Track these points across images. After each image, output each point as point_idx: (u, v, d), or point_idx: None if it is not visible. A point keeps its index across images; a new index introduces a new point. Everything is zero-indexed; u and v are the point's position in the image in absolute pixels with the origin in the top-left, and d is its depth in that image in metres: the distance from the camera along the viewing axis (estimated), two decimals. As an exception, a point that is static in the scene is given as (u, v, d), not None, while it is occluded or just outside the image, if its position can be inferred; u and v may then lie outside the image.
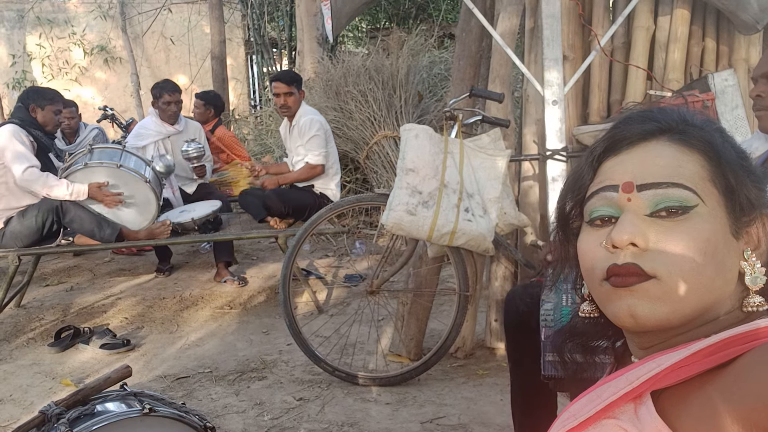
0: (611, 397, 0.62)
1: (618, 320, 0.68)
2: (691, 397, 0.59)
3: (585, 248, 0.71)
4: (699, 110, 0.72)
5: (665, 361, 0.61)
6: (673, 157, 0.67)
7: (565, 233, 0.78)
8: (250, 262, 4.85)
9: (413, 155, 2.55)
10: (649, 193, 0.66)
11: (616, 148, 0.71)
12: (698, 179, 0.66)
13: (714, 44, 2.97)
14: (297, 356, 3.08)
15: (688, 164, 0.67)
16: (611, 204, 0.68)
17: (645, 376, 0.61)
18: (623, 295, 0.66)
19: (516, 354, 1.84)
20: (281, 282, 2.83)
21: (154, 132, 4.30)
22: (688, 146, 0.68)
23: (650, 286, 0.64)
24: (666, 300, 0.64)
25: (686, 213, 0.65)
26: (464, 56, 3.10)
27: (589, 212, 0.71)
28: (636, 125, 0.71)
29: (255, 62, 11.02)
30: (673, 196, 0.65)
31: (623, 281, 0.65)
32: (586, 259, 0.70)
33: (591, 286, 0.71)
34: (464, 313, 2.72)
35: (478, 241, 2.54)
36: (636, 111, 0.74)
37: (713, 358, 0.60)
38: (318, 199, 3.85)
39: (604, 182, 0.70)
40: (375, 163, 5.04)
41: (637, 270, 0.64)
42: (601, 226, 0.70)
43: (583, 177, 0.73)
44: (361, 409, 2.61)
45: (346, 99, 5.38)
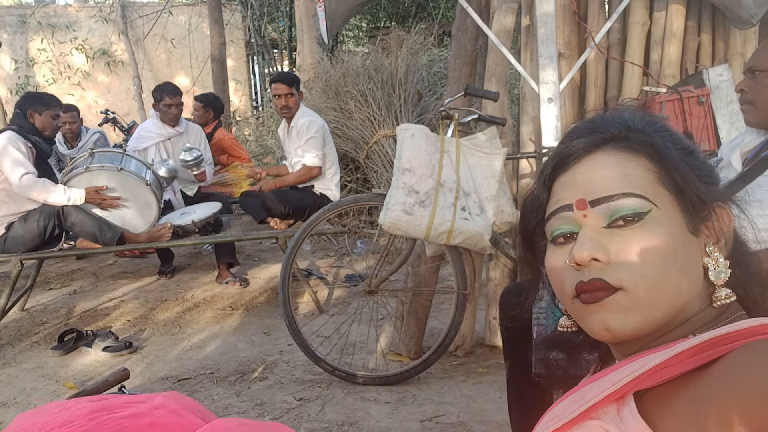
0: (594, 398, 0.63)
1: (594, 335, 0.69)
2: (674, 398, 0.60)
3: (552, 267, 0.72)
4: (642, 110, 0.73)
5: (648, 362, 0.62)
6: (619, 166, 0.68)
7: (532, 252, 0.79)
8: (252, 263, 4.87)
9: (409, 155, 2.56)
10: (602, 207, 0.67)
11: (564, 165, 0.71)
12: (647, 184, 0.67)
13: (710, 39, 2.97)
14: (297, 356, 3.10)
15: (635, 170, 0.67)
16: (569, 222, 0.70)
17: (628, 377, 0.61)
18: (594, 311, 0.67)
19: (511, 351, 1.84)
20: (281, 282, 2.85)
21: (155, 134, 4.32)
22: (632, 152, 0.68)
23: (619, 298, 0.65)
24: (636, 309, 0.65)
25: (641, 219, 0.65)
26: (460, 55, 3.11)
27: (550, 232, 0.72)
28: (580, 139, 0.71)
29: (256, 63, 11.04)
30: (625, 205, 0.66)
31: (592, 297, 0.66)
32: (555, 279, 0.71)
33: (564, 303, 0.72)
34: (463, 311, 2.73)
35: (475, 239, 2.55)
36: (580, 124, 0.75)
37: (696, 359, 0.60)
38: (318, 200, 3.86)
39: (558, 202, 0.71)
40: (375, 162, 5.05)
41: (603, 284, 0.65)
42: (564, 243, 0.71)
43: (539, 197, 0.74)
44: (361, 408, 2.62)
45: (345, 99, 5.39)
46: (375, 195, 2.83)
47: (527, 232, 0.78)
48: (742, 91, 1.73)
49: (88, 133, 5.26)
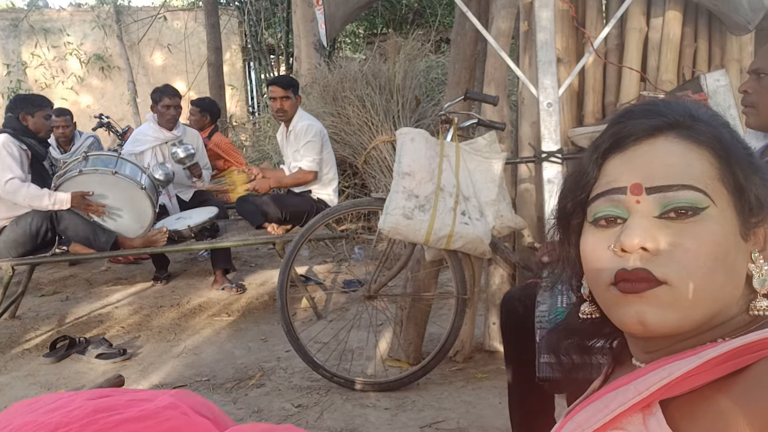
0: (620, 407, 0.60)
1: (625, 326, 0.66)
2: (702, 407, 0.57)
3: (590, 250, 0.68)
4: (704, 103, 0.70)
5: (675, 370, 0.59)
6: (681, 156, 0.64)
7: (565, 233, 0.76)
8: (249, 269, 4.84)
9: (409, 159, 2.54)
10: (658, 196, 0.64)
11: (621, 145, 0.67)
12: (708, 178, 0.64)
13: (706, 45, 2.97)
14: (295, 363, 3.07)
15: (697, 163, 0.64)
16: (618, 205, 0.66)
17: (655, 386, 0.59)
18: (632, 302, 0.63)
19: (513, 356, 1.83)
20: (278, 288, 2.82)
21: (151, 138, 4.29)
22: (697, 143, 0.65)
23: (661, 293, 0.62)
24: (676, 306, 0.62)
25: (697, 215, 0.62)
26: (459, 60, 3.10)
27: (594, 212, 0.68)
28: (642, 120, 0.68)
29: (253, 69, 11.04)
30: (683, 198, 0.63)
31: (633, 287, 0.63)
32: (592, 262, 0.68)
33: (596, 289, 0.69)
34: (462, 316, 2.71)
35: (475, 244, 2.53)
36: (639, 105, 0.71)
37: (724, 367, 0.58)
38: (315, 205, 3.84)
39: (610, 184, 0.67)
40: (373, 167, 5.04)
41: (647, 275, 0.62)
42: (606, 227, 0.67)
43: (587, 175, 0.70)
44: (359, 414, 2.60)
45: (343, 104, 5.38)
46: (374, 199, 2.82)
47: (565, 210, 0.73)
48: (745, 92, 1.73)
49: (82, 137, 5.23)
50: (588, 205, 0.70)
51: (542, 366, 1.35)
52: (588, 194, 0.70)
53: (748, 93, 1.71)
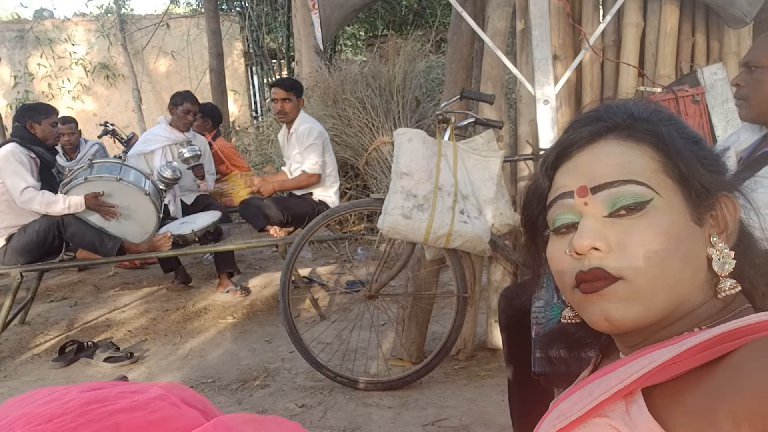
0: (602, 395, 0.62)
1: (595, 325, 0.68)
2: (684, 394, 0.59)
3: (552, 257, 0.71)
4: (647, 100, 0.72)
5: (656, 358, 0.61)
6: (622, 154, 0.67)
7: (535, 243, 0.78)
8: (253, 271, 4.87)
9: (407, 159, 2.56)
10: (603, 194, 0.66)
11: (567, 153, 0.71)
12: (650, 172, 0.66)
13: (704, 39, 2.97)
14: (299, 364, 3.09)
15: (639, 159, 0.67)
16: (570, 210, 0.69)
17: (636, 374, 0.60)
18: (594, 301, 0.66)
19: (511, 352, 1.84)
20: (281, 290, 2.84)
21: (163, 137, 4.32)
22: (636, 141, 0.67)
23: (619, 288, 0.64)
24: (636, 299, 0.64)
25: (643, 208, 0.64)
26: (456, 59, 3.12)
27: (552, 221, 0.71)
28: (584, 127, 0.70)
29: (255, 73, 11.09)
30: (627, 193, 0.65)
31: (592, 287, 0.65)
32: (556, 269, 0.71)
33: (565, 294, 0.71)
34: (464, 315, 2.72)
35: (474, 242, 2.55)
36: (584, 113, 0.74)
37: (705, 354, 0.59)
38: (317, 207, 3.86)
39: (559, 190, 0.70)
40: (374, 168, 5.06)
41: (602, 274, 0.64)
42: (566, 233, 0.70)
43: (541, 186, 0.73)
44: (363, 413, 2.61)
45: (344, 106, 5.41)
46: (373, 200, 2.84)
47: (530, 222, 0.77)
48: (737, 85, 1.73)
49: (87, 144, 5.28)
50: (546, 214, 0.73)
51: (537, 361, 1.36)
52: (544, 204, 0.73)
53: (740, 86, 1.72)
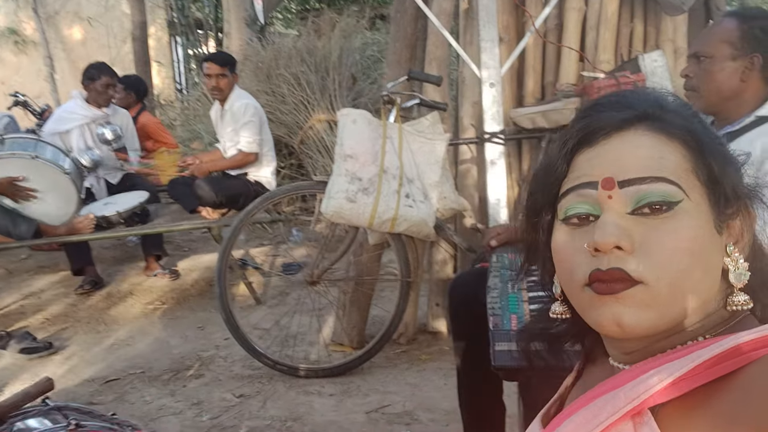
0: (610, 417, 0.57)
1: (601, 328, 0.63)
2: (696, 413, 0.55)
3: (562, 250, 0.65)
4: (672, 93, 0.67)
5: (666, 375, 0.56)
6: (653, 148, 0.62)
7: (535, 230, 0.72)
8: (182, 253, 4.66)
9: (352, 141, 2.47)
10: (631, 190, 0.60)
11: (591, 139, 0.64)
12: (681, 171, 0.61)
13: (642, 25, 3.02)
14: (235, 351, 2.98)
15: (670, 155, 0.61)
16: (590, 201, 0.63)
17: (646, 393, 0.56)
18: (608, 303, 0.60)
19: (462, 342, 1.81)
20: (217, 275, 2.71)
21: (79, 115, 3.98)
22: (668, 135, 0.62)
23: (637, 292, 0.59)
24: (654, 306, 0.59)
25: (671, 209, 0.60)
26: (399, 38, 3.03)
27: (565, 209, 0.65)
28: (611, 113, 0.65)
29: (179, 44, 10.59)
30: (657, 191, 0.60)
31: (608, 288, 0.60)
32: (564, 263, 0.65)
33: (570, 290, 0.65)
34: (407, 299, 2.69)
35: (419, 226, 2.50)
36: (607, 97, 0.68)
37: (715, 369, 0.55)
38: (252, 188, 3.71)
39: (581, 178, 0.64)
40: (310, 147, 4.92)
41: (622, 275, 0.59)
42: (578, 225, 0.64)
43: (556, 170, 0.66)
44: (304, 402, 2.54)
45: (277, 82, 5.21)
46: (315, 182, 2.74)
47: (535, 208, 0.70)
48: (686, 76, 1.74)
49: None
50: (558, 201, 0.66)
51: (498, 354, 1.33)
52: (557, 191, 0.67)
53: (690, 77, 1.73)
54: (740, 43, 1.62)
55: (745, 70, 1.63)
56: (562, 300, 0.72)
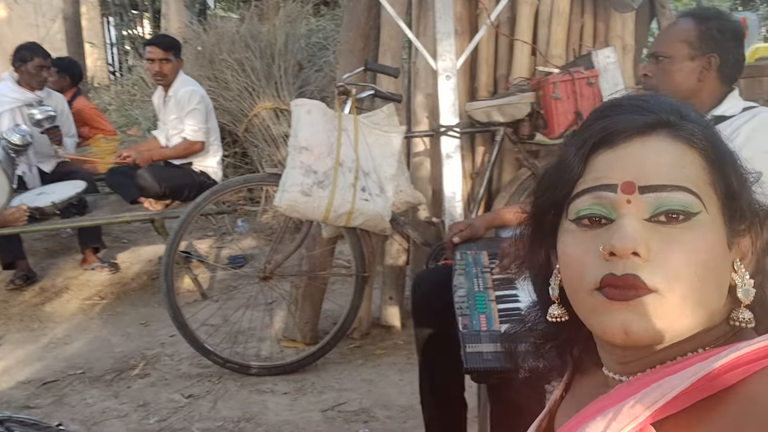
0: None
1: (607, 335, 0.61)
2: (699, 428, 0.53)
3: (572, 252, 0.63)
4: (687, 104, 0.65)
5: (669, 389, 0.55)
6: (676, 156, 0.60)
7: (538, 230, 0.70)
8: (121, 245, 4.45)
9: (306, 133, 2.40)
10: (651, 196, 0.59)
11: (611, 141, 0.62)
12: (701, 183, 0.60)
13: (592, 21, 3.05)
14: (182, 349, 2.87)
15: (691, 165, 0.60)
16: (606, 204, 0.61)
17: (649, 410, 0.54)
18: (618, 309, 0.59)
19: (425, 341, 1.79)
20: (163, 270, 2.60)
21: (10, 99, 3.71)
22: (689, 144, 0.61)
23: (649, 301, 0.58)
24: (664, 316, 0.58)
25: (688, 220, 0.58)
26: (353, 27, 2.97)
27: (578, 210, 0.62)
28: (632, 116, 0.63)
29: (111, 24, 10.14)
30: (677, 200, 0.58)
31: (621, 294, 0.58)
32: (574, 265, 0.62)
33: (576, 293, 0.63)
34: (362, 294, 2.65)
35: (375, 221, 2.46)
36: (626, 98, 0.66)
37: (716, 382, 0.54)
38: (198, 178, 3.58)
39: (599, 180, 0.62)
40: (255, 136, 4.81)
41: (637, 283, 0.58)
42: (589, 227, 0.62)
43: (571, 170, 0.64)
44: (257, 401, 2.48)
45: (220, 68, 5.05)
46: (268, 175, 2.66)
47: (544, 206, 0.68)
48: (645, 75, 1.76)
49: None
50: (571, 201, 0.64)
51: (469, 357, 1.30)
52: (570, 190, 0.64)
53: (648, 76, 1.75)
54: (698, 43, 1.65)
55: (702, 70, 1.66)
56: (560, 303, 0.70)
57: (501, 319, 1.43)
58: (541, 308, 0.75)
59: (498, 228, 1.96)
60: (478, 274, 1.66)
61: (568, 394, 0.80)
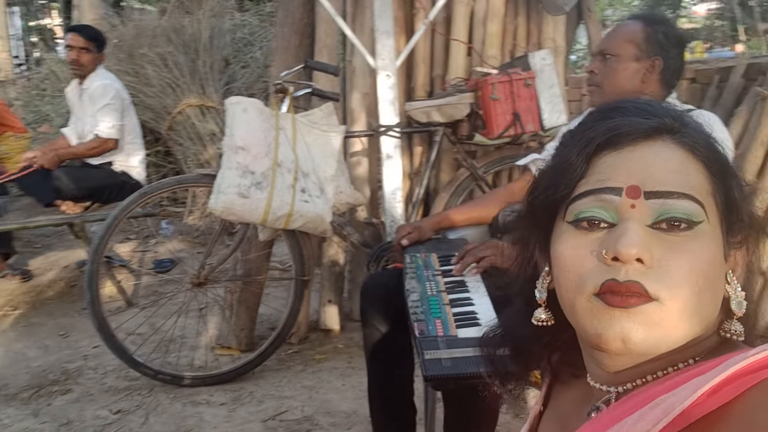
0: None
1: (603, 342, 0.58)
2: None
3: (569, 254, 0.60)
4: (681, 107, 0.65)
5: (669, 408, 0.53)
6: (681, 163, 0.59)
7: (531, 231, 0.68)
8: (33, 251, 4.16)
9: (243, 132, 2.30)
10: (656, 202, 0.57)
11: (616, 143, 0.61)
12: (704, 192, 0.59)
13: (525, 23, 3.10)
14: (107, 360, 2.70)
15: (695, 173, 0.59)
16: (607, 208, 0.59)
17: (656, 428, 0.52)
18: (617, 317, 0.57)
19: (375, 347, 1.74)
20: (87, 278, 2.43)
21: None
22: (693, 152, 0.60)
23: (650, 310, 0.56)
24: (661, 326, 0.56)
25: (690, 229, 0.57)
26: (288, 23, 2.88)
27: (578, 211, 0.60)
28: (637, 119, 0.61)
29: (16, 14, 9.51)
30: (681, 208, 0.57)
31: (623, 301, 0.56)
32: (572, 267, 0.60)
33: (570, 298, 0.61)
34: (302, 298, 2.58)
35: (316, 222, 2.40)
36: (630, 101, 0.65)
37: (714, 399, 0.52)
38: (119, 178, 3.38)
39: (604, 182, 0.60)
40: (180, 134, 4.61)
41: (640, 290, 0.56)
42: (588, 230, 0.60)
43: (574, 170, 0.62)
44: (192, 414, 2.35)
45: (141, 62, 4.82)
46: (201, 176, 2.54)
47: (541, 206, 0.65)
48: (591, 72, 1.79)
49: None
50: (571, 202, 0.62)
51: (428, 364, 1.26)
52: (571, 191, 0.62)
53: (594, 73, 1.78)
54: (644, 45, 1.69)
55: (646, 71, 1.70)
56: (546, 306, 0.68)
57: (457, 324, 1.39)
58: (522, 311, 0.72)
59: (445, 229, 1.94)
60: (429, 277, 1.62)
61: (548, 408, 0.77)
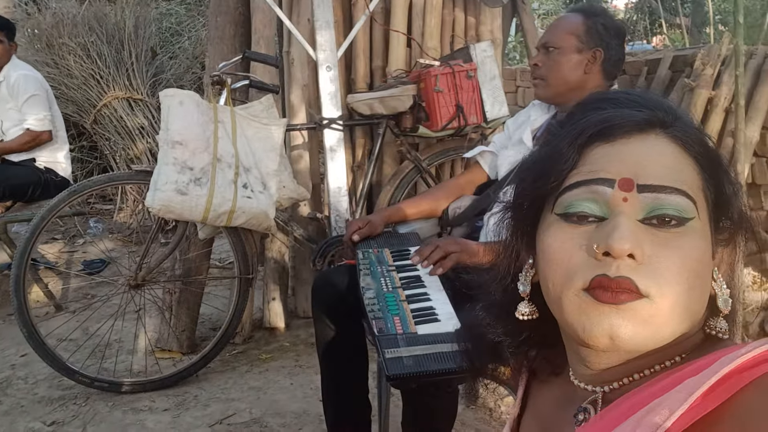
0: None
1: (590, 338, 0.57)
2: None
3: (559, 248, 0.59)
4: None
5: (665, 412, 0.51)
6: (675, 158, 0.59)
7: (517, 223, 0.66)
8: (-54, 255, 3.89)
9: (180, 125, 2.21)
10: (649, 196, 0.57)
11: (609, 134, 0.59)
12: (695, 188, 0.58)
13: (463, 15, 3.11)
14: (37, 369, 2.55)
15: (687, 169, 0.59)
16: (599, 200, 0.58)
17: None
18: (606, 313, 0.56)
19: (328, 345, 1.70)
20: (13, 282, 2.28)
21: None
22: (686, 147, 0.59)
23: (640, 306, 0.55)
24: (650, 323, 0.56)
25: (681, 225, 0.57)
26: (222, 12, 2.79)
27: (568, 204, 0.59)
28: (630, 110, 0.60)
29: None
30: (673, 203, 0.56)
31: (613, 297, 0.55)
32: (561, 261, 0.59)
33: (557, 292, 0.59)
34: (246, 297, 2.51)
35: (259, 219, 2.33)
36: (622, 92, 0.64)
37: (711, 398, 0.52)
38: (44, 176, 3.18)
39: (596, 173, 0.58)
40: (106, 128, 4.40)
41: (631, 286, 0.55)
42: (577, 223, 0.59)
43: (565, 161, 0.60)
44: (133, 422, 2.25)
45: (61, 53, 4.56)
46: (135, 172, 2.41)
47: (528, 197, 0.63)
48: (535, 65, 1.81)
49: None
50: (561, 193, 0.60)
51: (389, 363, 1.24)
52: (561, 182, 0.61)
53: (538, 66, 1.80)
54: (585, 37, 1.72)
55: (588, 62, 1.74)
56: (530, 300, 0.67)
57: (416, 320, 1.38)
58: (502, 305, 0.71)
59: (396, 223, 1.92)
60: (384, 273, 1.60)
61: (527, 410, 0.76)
